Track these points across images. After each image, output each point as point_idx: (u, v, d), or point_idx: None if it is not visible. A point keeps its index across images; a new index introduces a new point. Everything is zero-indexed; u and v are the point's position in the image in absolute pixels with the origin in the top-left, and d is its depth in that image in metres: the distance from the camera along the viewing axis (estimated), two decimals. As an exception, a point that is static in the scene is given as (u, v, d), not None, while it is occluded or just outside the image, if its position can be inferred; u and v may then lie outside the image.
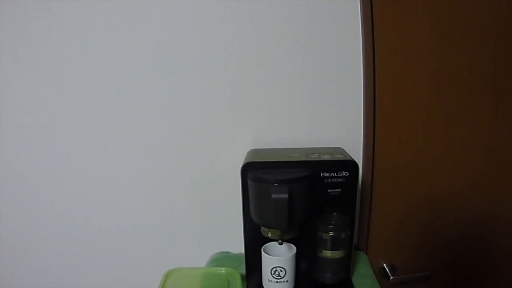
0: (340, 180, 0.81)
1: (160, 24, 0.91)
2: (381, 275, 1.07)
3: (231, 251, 1.05)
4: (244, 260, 0.88)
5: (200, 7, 0.91)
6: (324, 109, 0.98)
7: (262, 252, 0.83)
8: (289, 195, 0.71)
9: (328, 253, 0.85)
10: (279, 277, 0.83)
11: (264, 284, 0.86)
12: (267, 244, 0.85)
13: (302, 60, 0.94)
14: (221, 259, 1.00)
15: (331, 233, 0.84)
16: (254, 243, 0.85)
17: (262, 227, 0.82)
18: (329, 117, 0.98)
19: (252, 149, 0.95)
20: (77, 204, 1.03)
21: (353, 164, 0.81)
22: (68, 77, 0.94)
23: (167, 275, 0.86)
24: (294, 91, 0.96)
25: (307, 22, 0.92)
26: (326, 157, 0.83)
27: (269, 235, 0.81)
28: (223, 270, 0.89)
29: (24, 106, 0.95)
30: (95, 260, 1.08)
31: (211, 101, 0.97)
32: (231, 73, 0.95)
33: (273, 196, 0.72)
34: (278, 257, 0.82)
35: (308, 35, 0.93)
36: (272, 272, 0.82)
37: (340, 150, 0.89)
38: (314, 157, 0.83)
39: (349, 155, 0.85)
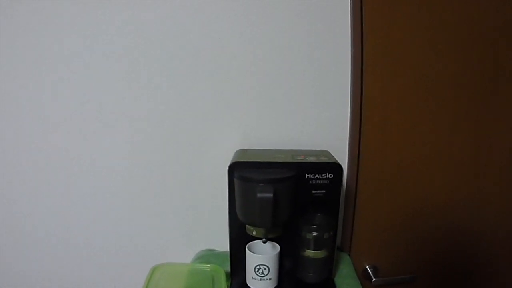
0: (325, 182, 0.83)
1: (151, 23, 0.93)
2: (364, 276, 1.09)
3: (216, 248, 1.07)
4: (228, 258, 0.90)
5: (192, 7, 0.92)
6: (312, 112, 1.00)
7: (247, 250, 0.85)
8: (274, 195, 0.73)
9: (311, 253, 0.87)
10: (262, 275, 0.84)
11: (248, 281, 0.87)
12: (251, 242, 0.86)
13: (291, 62, 0.96)
14: (206, 256, 1.02)
15: (314, 233, 0.85)
16: (239, 241, 0.87)
17: (247, 226, 0.84)
18: (317, 120, 1.00)
19: (239, 149, 0.96)
20: (62, 201, 1.04)
21: (338, 166, 0.82)
22: (58, 74, 0.95)
23: (154, 270, 0.87)
24: (283, 93, 0.98)
25: (296, 25, 0.94)
26: (311, 159, 0.85)
27: (254, 233, 0.83)
28: (208, 266, 0.90)
29: (22, 105, 0.97)
30: (81, 255, 1.09)
31: (200, 101, 0.98)
32: (221, 74, 0.97)
33: (258, 195, 0.73)
34: (262, 255, 0.84)
35: (297, 38, 0.95)
36: (256, 270, 0.84)
37: (325, 153, 0.91)
38: (300, 158, 0.85)
39: (334, 158, 0.87)
